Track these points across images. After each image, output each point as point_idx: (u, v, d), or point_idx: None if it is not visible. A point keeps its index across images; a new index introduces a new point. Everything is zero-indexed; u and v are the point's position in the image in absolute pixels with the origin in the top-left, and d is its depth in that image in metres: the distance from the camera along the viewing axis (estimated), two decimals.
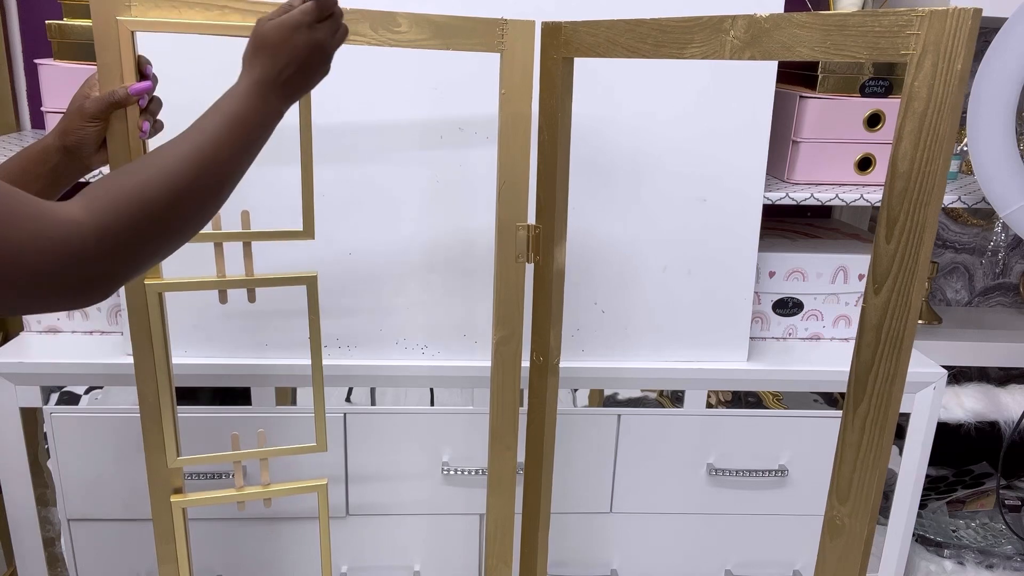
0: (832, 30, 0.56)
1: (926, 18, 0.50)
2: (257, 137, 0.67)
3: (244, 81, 0.68)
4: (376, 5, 0.82)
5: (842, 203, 1.20)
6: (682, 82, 1.07)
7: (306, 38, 0.69)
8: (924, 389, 1.20)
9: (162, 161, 0.60)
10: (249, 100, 0.67)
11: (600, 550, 1.27)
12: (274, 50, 0.69)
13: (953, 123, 0.51)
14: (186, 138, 0.62)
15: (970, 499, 1.59)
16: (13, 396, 1.11)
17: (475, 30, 0.85)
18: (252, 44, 0.69)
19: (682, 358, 1.19)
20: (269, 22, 0.69)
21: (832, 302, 1.29)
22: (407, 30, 0.83)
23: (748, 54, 0.62)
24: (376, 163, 1.07)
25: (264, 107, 0.68)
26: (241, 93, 0.67)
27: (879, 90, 1.23)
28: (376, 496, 1.20)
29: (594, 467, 1.22)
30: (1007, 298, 1.65)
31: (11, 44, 1.40)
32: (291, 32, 0.69)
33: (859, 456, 0.59)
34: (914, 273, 0.53)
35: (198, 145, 0.62)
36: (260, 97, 0.67)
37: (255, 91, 0.68)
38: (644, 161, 1.10)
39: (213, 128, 0.64)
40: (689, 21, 0.66)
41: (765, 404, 1.22)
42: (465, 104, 1.05)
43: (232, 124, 0.65)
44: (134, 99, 0.75)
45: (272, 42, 0.69)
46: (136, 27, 0.75)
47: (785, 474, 1.23)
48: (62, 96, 1.16)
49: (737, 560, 1.29)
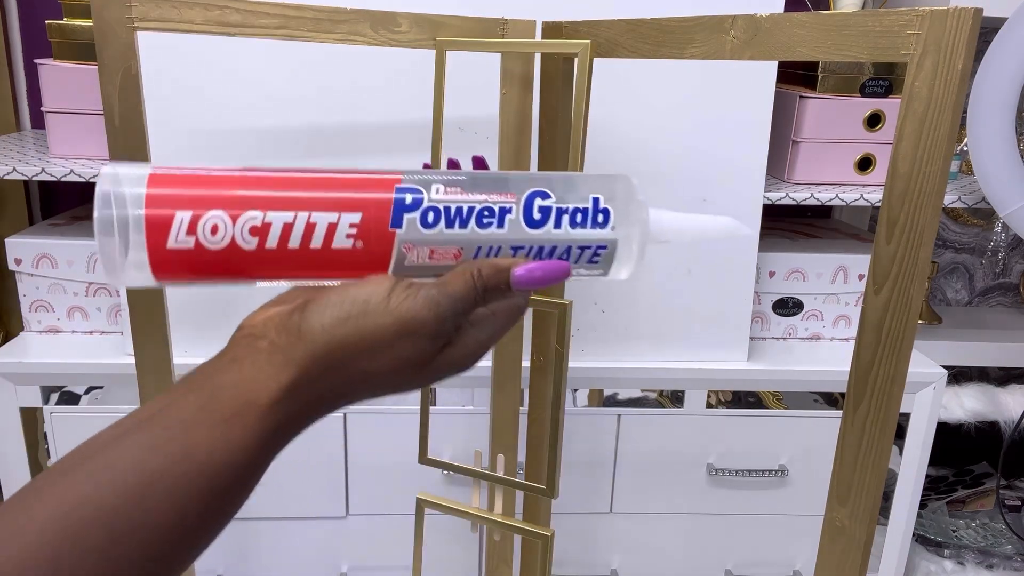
0: (832, 30, 0.56)
1: (926, 18, 0.50)
2: (253, 486, 0.39)
3: (271, 382, 0.37)
4: (376, 5, 0.82)
5: (842, 203, 1.20)
6: (682, 82, 1.07)
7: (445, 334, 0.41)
8: (924, 389, 1.20)
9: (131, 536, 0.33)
10: (269, 424, 0.37)
11: (600, 550, 1.27)
12: (394, 351, 0.39)
13: (953, 123, 0.51)
14: (161, 488, 0.35)
15: (970, 499, 1.59)
16: (13, 396, 1.11)
17: (475, 30, 0.85)
18: (356, 332, 0.39)
19: (682, 358, 1.19)
20: (406, 299, 0.39)
21: (832, 302, 1.29)
22: (407, 30, 0.83)
23: (748, 54, 0.62)
24: (376, 163, 1.07)
25: (282, 439, 0.39)
26: (261, 411, 0.37)
27: (879, 90, 1.23)
28: (376, 496, 1.20)
29: (594, 467, 1.22)
30: (1007, 298, 1.65)
31: (11, 44, 1.40)
32: (447, 318, 0.40)
33: (859, 457, 0.59)
34: (914, 273, 0.53)
35: (180, 510, 0.35)
36: (288, 423, 0.39)
37: (291, 413, 0.38)
38: (644, 161, 1.10)
39: (205, 478, 0.35)
40: (689, 21, 0.66)
41: (765, 404, 1.22)
42: (465, 104, 1.05)
43: (236, 472, 0.37)
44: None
45: (407, 331, 0.39)
46: (136, 27, 0.75)
47: (785, 474, 1.23)
48: (62, 96, 1.16)
49: (737, 560, 1.29)
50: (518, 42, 0.84)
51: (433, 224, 0.42)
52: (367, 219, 0.41)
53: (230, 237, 0.40)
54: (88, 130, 1.17)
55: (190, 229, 0.39)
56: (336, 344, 0.38)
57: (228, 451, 0.36)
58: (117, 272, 0.40)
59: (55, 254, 1.16)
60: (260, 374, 0.38)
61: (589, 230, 0.44)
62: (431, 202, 0.42)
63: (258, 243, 0.40)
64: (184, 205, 0.39)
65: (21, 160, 1.14)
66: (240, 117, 1.03)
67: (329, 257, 0.41)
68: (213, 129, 1.02)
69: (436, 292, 0.40)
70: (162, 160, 0.99)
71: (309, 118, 1.04)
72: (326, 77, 1.02)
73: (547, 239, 0.43)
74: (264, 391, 0.37)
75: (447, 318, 0.40)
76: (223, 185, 0.40)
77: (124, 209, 0.39)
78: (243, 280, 0.42)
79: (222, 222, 0.40)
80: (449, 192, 0.43)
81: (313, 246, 0.41)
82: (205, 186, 0.40)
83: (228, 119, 1.02)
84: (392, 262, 0.42)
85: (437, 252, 0.43)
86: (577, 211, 0.44)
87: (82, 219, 1.30)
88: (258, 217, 0.40)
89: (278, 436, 0.38)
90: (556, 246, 0.44)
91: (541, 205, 0.43)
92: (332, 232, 0.41)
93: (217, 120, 1.02)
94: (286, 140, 1.04)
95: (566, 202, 0.44)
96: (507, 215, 0.43)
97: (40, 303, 1.18)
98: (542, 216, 0.43)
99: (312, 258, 0.41)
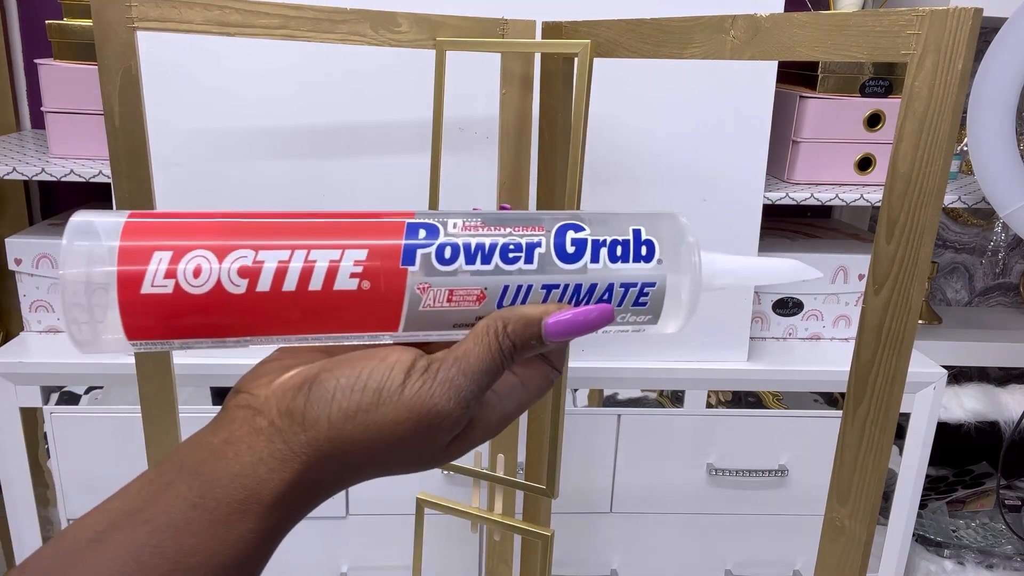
0: (832, 30, 0.56)
1: (926, 18, 0.50)
2: None
3: (274, 477, 0.33)
4: (376, 5, 0.82)
5: (842, 203, 1.20)
6: (681, 82, 1.07)
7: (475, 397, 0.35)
8: (924, 389, 1.20)
9: None
10: (273, 520, 0.34)
11: (600, 550, 1.27)
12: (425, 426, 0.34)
13: (953, 123, 0.51)
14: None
15: (970, 499, 1.59)
16: (13, 396, 1.11)
17: (475, 30, 0.85)
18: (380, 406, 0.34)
19: (682, 358, 1.19)
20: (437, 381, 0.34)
21: (832, 302, 1.29)
22: (407, 30, 0.83)
23: (748, 54, 0.62)
24: (376, 163, 1.07)
25: (283, 530, 0.35)
26: (264, 508, 0.33)
27: (879, 90, 1.23)
28: (376, 496, 1.20)
29: (594, 467, 1.22)
30: (1007, 298, 1.65)
31: (11, 44, 1.40)
32: (470, 404, 0.35)
33: (859, 457, 0.59)
34: (914, 273, 0.53)
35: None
36: (292, 514, 0.35)
37: (295, 504, 0.34)
38: (643, 161, 1.10)
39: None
40: (689, 21, 0.66)
41: (765, 404, 1.22)
42: (465, 104, 1.05)
43: (234, 573, 0.33)
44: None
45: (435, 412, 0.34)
46: (136, 27, 0.75)
47: (785, 474, 1.23)
48: (62, 96, 1.16)
49: (737, 560, 1.29)
50: (518, 42, 0.84)
51: (451, 260, 0.36)
52: (374, 255, 0.35)
53: (215, 279, 0.34)
54: (88, 130, 1.17)
55: (169, 272, 0.34)
56: (343, 441, 0.34)
57: (226, 554, 0.32)
58: (85, 336, 0.34)
59: (55, 254, 1.15)
60: (261, 466, 0.33)
61: (632, 264, 0.37)
62: (448, 237, 0.36)
63: (248, 286, 0.34)
64: (162, 247, 0.34)
65: (21, 160, 1.14)
66: (240, 117, 1.03)
67: (331, 302, 0.35)
68: (213, 129, 1.02)
69: (456, 373, 0.34)
70: (163, 160, 0.99)
71: (309, 118, 1.04)
72: (326, 77, 1.02)
73: (584, 276, 0.37)
74: (267, 486, 0.33)
75: (470, 402, 0.35)
76: (208, 231, 0.35)
77: (95, 264, 0.33)
78: (231, 337, 0.36)
79: (206, 262, 0.34)
80: (467, 227, 0.37)
81: (312, 288, 0.35)
82: (188, 230, 0.35)
83: (228, 119, 1.02)
84: (405, 307, 0.36)
85: (457, 294, 0.36)
86: (616, 243, 0.38)
87: None
88: (248, 256, 0.34)
89: (279, 529, 0.34)
90: (596, 284, 0.37)
91: (575, 237, 0.37)
92: (334, 272, 0.35)
93: (217, 120, 1.02)
94: (286, 140, 1.04)
95: (603, 235, 0.38)
96: (536, 249, 0.37)
97: (40, 303, 1.18)
98: (576, 249, 0.37)
99: (311, 304, 0.35)
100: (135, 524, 0.32)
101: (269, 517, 0.33)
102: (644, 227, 0.38)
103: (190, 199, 1.04)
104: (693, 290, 0.39)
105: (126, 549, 0.31)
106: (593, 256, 0.37)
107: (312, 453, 0.34)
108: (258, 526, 0.33)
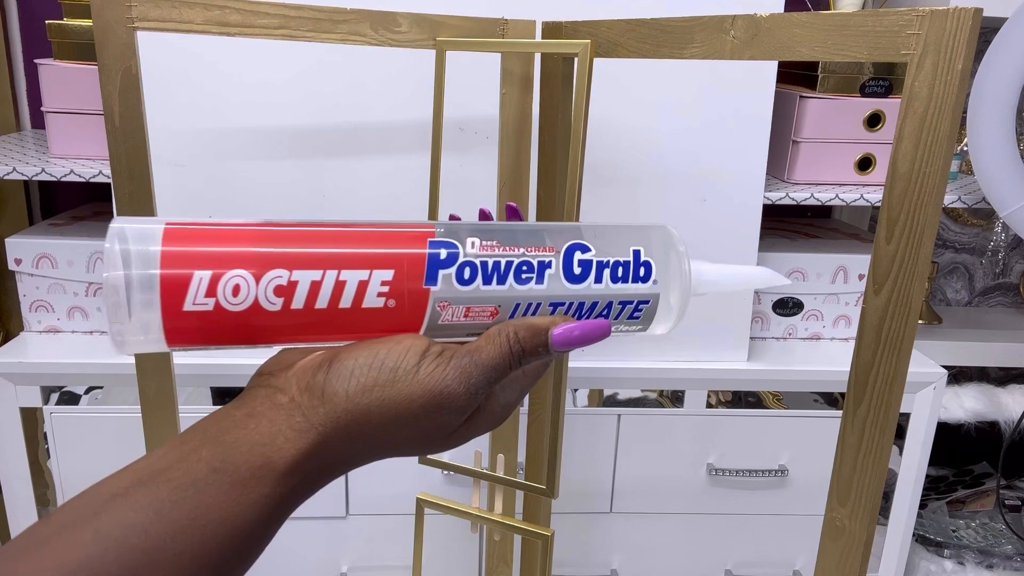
0: (832, 30, 0.56)
1: (926, 18, 0.50)
2: (263, 548, 0.37)
3: (290, 446, 0.36)
4: (376, 5, 0.82)
5: (842, 203, 1.20)
6: (681, 82, 1.07)
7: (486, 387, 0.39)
8: (924, 389, 1.20)
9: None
10: (286, 488, 0.36)
11: (600, 550, 1.27)
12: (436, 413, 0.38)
13: (953, 123, 0.51)
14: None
15: (970, 499, 1.59)
16: (13, 396, 1.11)
17: (475, 30, 0.85)
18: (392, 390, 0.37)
19: (682, 358, 1.19)
20: (447, 367, 0.38)
21: (832, 302, 1.29)
22: (407, 30, 0.83)
23: (748, 54, 0.62)
24: (376, 163, 1.07)
25: (296, 501, 0.37)
26: (279, 475, 0.35)
27: (879, 90, 1.23)
28: (376, 496, 1.20)
29: (594, 467, 1.22)
30: (1007, 298, 1.65)
31: (11, 44, 1.40)
32: (479, 390, 0.39)
33: (859, 457, 0.59)
34: (914, 273, 0.53)
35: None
36: (304, 486, 0.37)
37: (308, 477, 0.37)
38: (643, 161, 1.10)
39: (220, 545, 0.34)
40: (689, 21, 0.66)
41: (765, 404, 1.22)
42: (465, 104, 1.05)
43: (247, 536, 0.35)
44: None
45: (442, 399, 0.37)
46: (136, 27, 0.75)
47: (785, 474, 1.23)
48: (62, 96, 1.16)
49: (737, 560, 1.29)
50: (518, 42, 0.84)
51: (470, 280, 0.40)
52: (399, 276, 0.39)
53: (253, 298, 0.37)
54: (88, 130, 1.17)
55: (209, 290, 0.36)
56: (359, 413, 0.37)
57: (241, 515, 0.34)
58: (126, 338, 0.37)
59: (55, 254, 1.16)
60: (279, 436, 0.36)
61: (631, 285, 0.42)
62: (467, 257, 0.40)
63: (283, 304, 0.37)
64: (202, 264, 0.36)
65: (21, 160, 1.14)
66: (240, 117, 1.03)
67: (359, 317, 0.39)
68: (213, 129, 1.02)
69: (468, 362, 0.38)
70: (163, 160, 0.99)
71: (309, 118, 1.04)
72: (326, 77, 1.02)
73: (588, 295, 0.41)
74: (282, 454, 0.35)
75: (479, 390, 0.38)
76: (243, 241, 0.37)
77: (137, 269, 0.36)
78: (263, 344, 0.39)
79: (244, 282, 0.37)
80: (484, 247, 0.40)
81: (343, 306, 0.38)
82: (224, 242, 0.37)
83: (228, 119, 1.02)
84: (426, 321, 0.40)
85: (473, 310, 0.40)
86: (619, 265, 0.42)
87: (82, 219, 1.30)
88: (284, 276, 0.37)
89: (292, 498, 0.37)
90: (597, 302, 0.42)
91: (581, 259, 0.41)
92: (363, 291, 0.38)
93: (217, 120, 1.02)
94: (286, 140, 1.04)
95: (607, 255, 0.42)
96: (547, 270, 0.41)
97: (40, 303, 1.18)
98: (583, 270, 0.41)
99: (341, 319, 0.38)
100: (158, 482, 0.34)
101: (284, 484, 0.35)
102: (642, 246, 0.43)
103: (190, 199, 1.04)
104: (683, 298, 0.43)
105: (148, 503, 0.33)
106: (597, 277, 0.42)
107: (329, 425, 0.36)
108: (272, 491, 0.35)
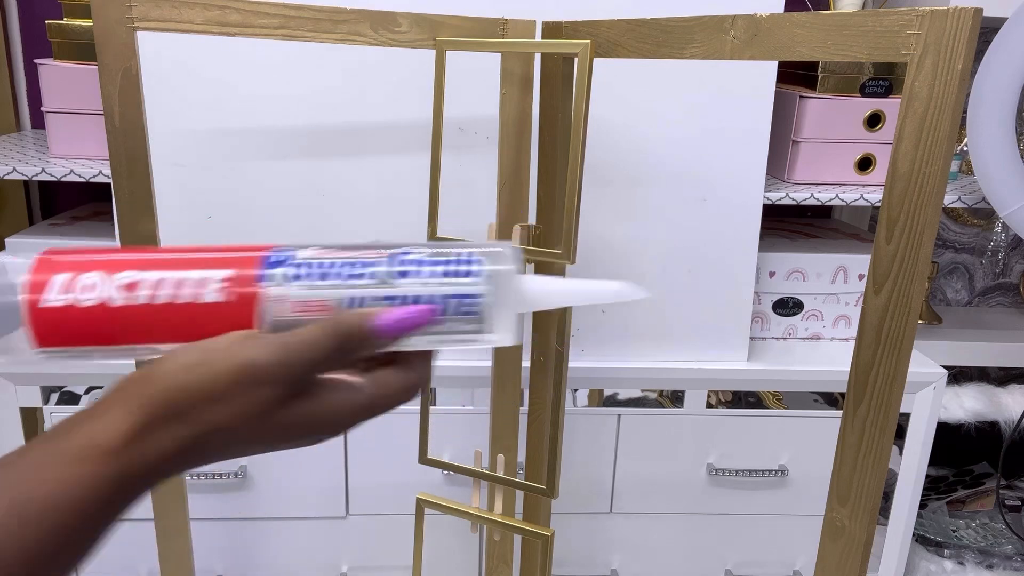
0: (832, 30, 0.56)
1: (926, 18, 0.50)
2: (103, 531, 0.38)
3: (113, 426, 0.37)
4: (376, 5, 0.82)
5: (842, 203, 1.20)
6: (681, 82, 1.07)
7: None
8: (924, 389, 1.20)
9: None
10: (114, 469, 0.37)
11: (600, 550, 1.27)
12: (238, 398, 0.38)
13: (953, 123, 0.51)
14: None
15: (970, 499, 1.59)
16: (13, 396, 1.11)
17: (475, 30, 0.85)
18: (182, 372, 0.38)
19: (682, 358, 1.19)
20: (260, 344, 0.39)
21: (832, 302, 1.29)
22: (407, 30, 0.83)
23: (748, 54, 0.62)
24: (376, 163, 1.07)
25: (131, 487, 0.38)
26: (103, 453, 0.37)
27: (879, 90, 1.23)
28: (376, 496, 1.20)
29: (594, 467, 1.22)
30: (1007, 298, 1.65)
31: (11, 44, 1.40)
32: (295, 364, 0.39)
33: (859, 457, 0.59)
34: (914, 273, 0.53)
35: (26, 550, 0.35)
36: (137, 471, 0.38)
37: (137, 461, 0.37)
38: (644, 161, 1.10)
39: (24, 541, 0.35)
40: (689, 21, 0.66)
41: (765, 404, 1.22)
42: (465, 104, 1.05)
43: (83, 513, 0.36)
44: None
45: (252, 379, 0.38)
46: (136, 27, 0.75)
47: (785, 474, 1.23)
48: (62, 96, 1.16)
49: (737, 560, 1.29)
50: (518, 42, 0.85)
51: (301, 278, 0.43)
52: (238, 275, 0.43)
53: (103, 293, 0.42)
54: (88, 130, 1.17)
55: (65, 288, 0.42)
56: (177, 389, 0.38)
57: (75, 491, 0.36)
58: (5, 346, 0.42)
59: None
60: (106, 418, 0.38)
61: (458, 279, 0.44)
62: (300, 259, 0.44)
63: (127, 298, 0.42)
64: (64, 270, 0.42)
65: (21, 160, 1.14)
66: (240, 117, 1.03)
67: (199, 312, 0.42)
68: (213, 129, 1.02)
69: (288, 337, 0.40)
70: (163, 160, 0.99)
71: (309, 118, 1.04)
72: (326, 77, 1.02)
73: (416, 290, 0.44)
74: (106, 434, 0.37)
75: (294, 364, 0.39)
76: (108, 255, 0.43)
77: (9, 265, 0.42)
78: (119, 344, 0.43)
79: (98, 280, 0.42)
80: (319, 251, 0.44)
81: (183, 300, 0.42)
82: (89, 256, 0.43)
83: (228, 119, 1.02)
84: (260, 316, 0.43)
85: (306, 305, 0.43)
86: (447, 262, 0.45)
87: (82, 219, 1.30)
88: (132, 276, 0.42)
89: (126, 483, 0.37)
90: (422, 295, 0.44)
91: (409, 259, 0.45)
92: (203, 286, 0.42)
93: (217, 120, 1.02)
94: (286, 140, 1.04)
95: (435, 257, 0.45)
96: (375, 267, 0.44)
97: None
98: (410, 268, 0.44)
99: (182, 314, 0.42)
100: (6, 466, 0.37)
101: (109, 463, 0.37)
102: (473, 252, 0.45)
103: (190, 199, 1.04)
104: (514, 306, 0.45)
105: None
106: (425, 273, 0.45)
107: (149, 405, 0.38)
108: (101, 470, 0.37)
